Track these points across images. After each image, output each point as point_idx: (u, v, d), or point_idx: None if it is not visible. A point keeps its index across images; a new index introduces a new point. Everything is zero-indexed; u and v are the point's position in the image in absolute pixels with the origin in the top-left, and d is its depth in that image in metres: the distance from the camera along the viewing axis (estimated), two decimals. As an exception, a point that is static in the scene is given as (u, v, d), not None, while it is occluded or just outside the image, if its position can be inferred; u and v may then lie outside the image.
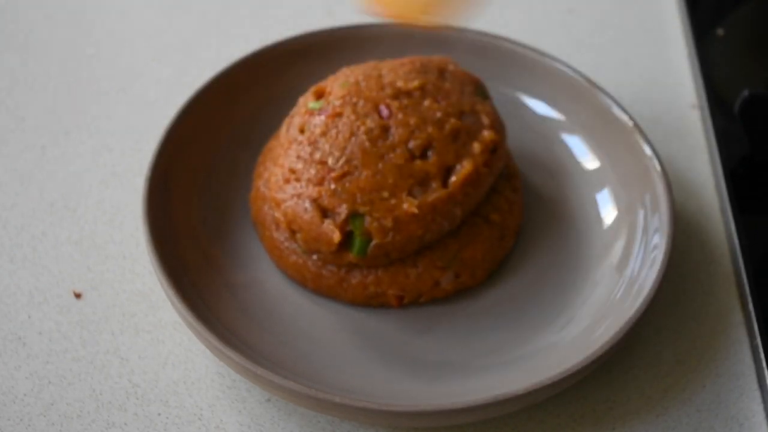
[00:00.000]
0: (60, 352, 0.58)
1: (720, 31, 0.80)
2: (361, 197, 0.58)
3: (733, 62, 0.78)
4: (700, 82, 0.75)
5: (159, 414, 0.56)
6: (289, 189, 0.59)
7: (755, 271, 0.62)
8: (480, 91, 0.65)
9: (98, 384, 0.57)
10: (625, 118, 0.65)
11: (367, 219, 0.57)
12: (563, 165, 0.67)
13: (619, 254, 0.61)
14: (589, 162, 0.66)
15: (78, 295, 0.61)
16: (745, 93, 0.68)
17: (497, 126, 0.64)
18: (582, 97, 0.68)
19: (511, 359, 0.57)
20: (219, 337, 0.54)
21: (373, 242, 0.58)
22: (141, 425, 0.55)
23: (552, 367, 0.54)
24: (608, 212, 0.64)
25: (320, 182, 0.58)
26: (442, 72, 0.64)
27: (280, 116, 0.65)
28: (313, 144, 0.59)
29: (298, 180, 0.59)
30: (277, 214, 0.60)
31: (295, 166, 0.59)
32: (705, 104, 0.73)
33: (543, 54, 0.69)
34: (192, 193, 0.63)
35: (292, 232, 0.59)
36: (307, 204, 0.58)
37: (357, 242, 0.58)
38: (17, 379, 0.57)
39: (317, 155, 0.59)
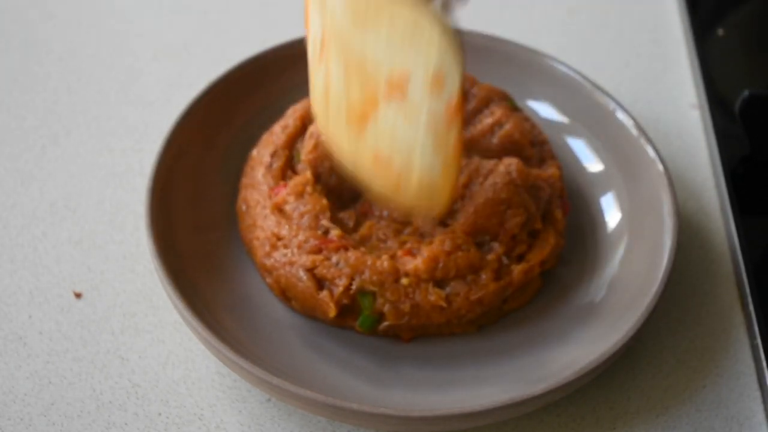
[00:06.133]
0: (60, 352, 0.58)
1: (720, 31, 0.80)
2: (370, 275, 0.55)
3: (733, 62, 0.78)
4: (700, 82, 0.75)
5: (159, 414, 0.56)
6: (278, 256, 0.57)
7: (755, 271, 0.62)
8: (511, 103, 0.64)
9: (98, 384, 0.57)
10: (628, 121, 0.65)
11: (379, 299, 0.55)
12: (566, 168, 0.66)
13: (623, 257, 0.61)
14: (593, 165, 0.66)
15: (78, 295, 0.61)
16: (745, 93, 0.68)
17: (551, 149, 0.62)
18: (584, 100, 0.68)
19: (517, 363, 0.57)
20: (219, 337, 0.54)
21: (386, 323, 0.56)
22: (141, 425, 0.55)
23: (559, 370, 0.54)
24: (612, 215, 0.64)
25: (315, 251, 0.56)
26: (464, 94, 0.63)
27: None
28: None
29: (286, 246, 0.57)
30: (269, 280, 0.58)
31: (281, 232, 0.57)
32: (705, 104, 0.73)
33: (545, 56, 0.69)
34: (193, 194, 0.63)
35: (287, 298, 0.58)
36: (301, 273, 0.56)
37: (364, 316, 0.56)
38: (18, 378, 0.57)
39: (305, 220, 0.57)
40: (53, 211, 0.66)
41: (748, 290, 0.61)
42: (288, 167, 0.61)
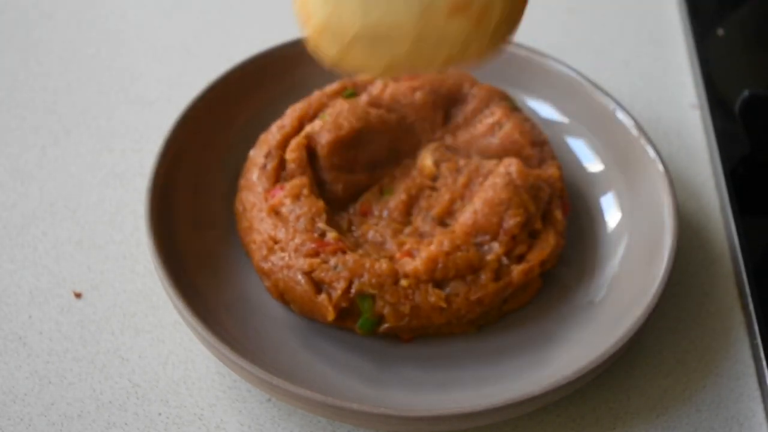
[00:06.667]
0: (60, 352, 0.58)
1: (720, 31, 0.80)
2: (369, 277, 0.55)
3: (733, 62, 0.78)
4: (700, 82, 0.75)
5: (159, 414, 0.56)
6: (276, 259, 0.57)
7: (755, 271, 0.62)
8: (511, 103, 0.64)
9: (98, 384, 0.57)
10: (628, 121, 0.65)
11: (378, 302, 0.55)
12: (566, 168, 0.66)
13: (623, 257, 0.61)
14: (593, 165, 0.66)
15: (78, 295, 0.61)
16: (745, 93, 0.68)
17: (551, 149, 0.62)
18: (584, 100, 0.68)
19: (517, 363, 0.57)
20: (219, 337, 0.54)
21: (386, 324, 0.56)
22: (141, 425, 0.55)
23: (559, 370, 0.54)
24: (612, 215, 0.64)
25: (312, 254, 0.56)
26: (462, 98, 0.63)
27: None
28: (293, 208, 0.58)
29: (283, 250, 0.57)
30: (267, 284, 0.58)
31: (277, 235, 0.57)
32: (705, 104, 0.73)
33: (545, 56, 0.69)
34: (193, 194, 0.63)
35: (285, 302, 0.58)
36: (299, 276, 0.56)
37: (364, 319, 0.56)
38: (18, 378, 0.57)
39: (301, 223, 0.57)
40: (53, 211, 0.66)
41: (748, 290, 0.61)
42: (281, 168, 0.61)
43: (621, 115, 0.66)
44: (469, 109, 0.64)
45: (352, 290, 0.55)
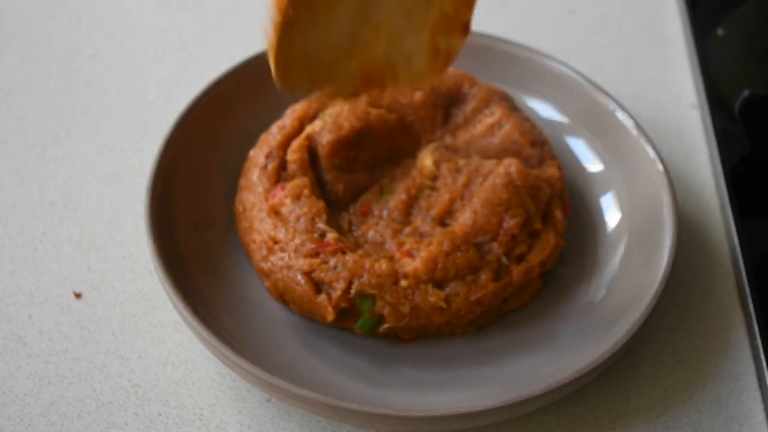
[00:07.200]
0: (60, 352, 0.58)
1: (720, 31, 0.80)
2: (369, 278, 0.55)
3: (733, 62, 0.78)
4: (700, 82, 0.75)
5: (159, 414, 0.56)
6: (275, 260, 0.57)
7: (755, 271, 0.62)
8: (511, 103, 0.65)
9: (98, 384, 0.57)
10: (628, 121, 0.65)
11: (378, 302, 0.55)
12: (566, 168, 0.66)
13: (623, 257, 0.61)
14: (593, 165, 0.66)
15: (78, 295, 0.61)
16: (745, 93, 0.68)
17: (551, 149, 0.62)
18: (584, 100, 0.68)
19: (517, 362, 0.57)
20: (219, 337, 0.54)
21: (386, 325, 0.56)
22: (141, 425, 0.55)
23: (559, 370, 0.54)
24: (612, 215, 0.64)
25: (312, 255, 0.56)
26: (462, 99, 0.63)
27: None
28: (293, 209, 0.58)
29: (283, 250, 0.57)
30: (267, 284, 0.58)
31: (277, 235, 0.57)
32: (705, 104, 0.73)
33: (545, 56, 0.69)
34: (193, 194, 0.63)
35: (285, 302, 0.58)
36: (299, 277, 0.56)
37: (363, 319, 0.56)
38: (18, 379, 0.57)
39: (301, 223, 0.57)
40: (53, 211, 0.66)
41: (748, 290, 0.61)
42: (282, 168, 0.61)
43: (621, 115, 0.66)
44: (469, 109, 0.64)
45: (352, 290, 0.55)
